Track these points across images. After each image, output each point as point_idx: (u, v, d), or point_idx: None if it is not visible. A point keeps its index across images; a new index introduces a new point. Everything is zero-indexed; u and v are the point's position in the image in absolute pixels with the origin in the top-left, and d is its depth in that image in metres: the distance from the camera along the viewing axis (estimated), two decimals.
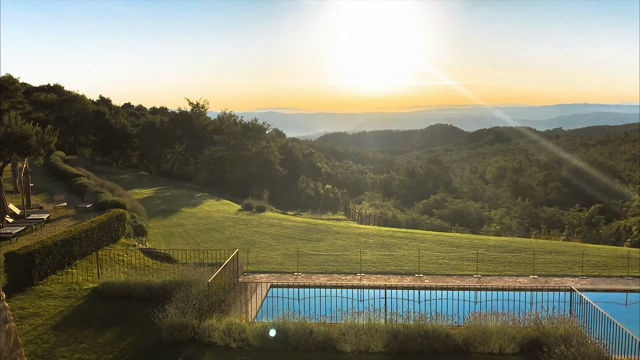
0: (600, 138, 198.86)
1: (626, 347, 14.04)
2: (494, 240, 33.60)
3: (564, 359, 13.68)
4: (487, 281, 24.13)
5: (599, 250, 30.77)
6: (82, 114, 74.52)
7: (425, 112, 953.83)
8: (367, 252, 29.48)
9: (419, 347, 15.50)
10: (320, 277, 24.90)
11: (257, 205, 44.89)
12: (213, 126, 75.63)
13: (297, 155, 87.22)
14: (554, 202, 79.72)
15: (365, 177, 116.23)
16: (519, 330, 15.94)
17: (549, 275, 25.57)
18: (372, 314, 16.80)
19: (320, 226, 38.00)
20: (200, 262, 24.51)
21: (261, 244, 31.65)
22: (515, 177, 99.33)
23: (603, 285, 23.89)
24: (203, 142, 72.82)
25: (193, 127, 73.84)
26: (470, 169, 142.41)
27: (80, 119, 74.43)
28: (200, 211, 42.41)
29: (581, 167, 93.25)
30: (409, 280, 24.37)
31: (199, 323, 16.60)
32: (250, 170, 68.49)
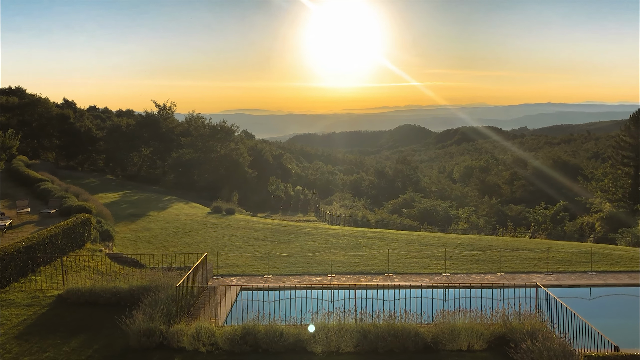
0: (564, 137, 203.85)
1: (590, 340, 14.40)
2: (461, 239, 34.06)
3: (530, 354, 13.95)
4: (456, 279, 24.43)
5: (564, 246, 31.47)
6: (45, 117, 72.86)
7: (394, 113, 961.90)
8: (337, 253, 29.54)
9: (389, 346, 15.60)
10: (290, 278, 24.84)
11: (226, 207, 44.56)
12: (181, 128, 74.80)
13: (267, 157, 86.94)
14: (520, 200, 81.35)
15: (336, 178, 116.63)
16: (487, 327, 16.19)
17: (516, 272, 26.03)
18: (342, 315, 16.85)
19: (290, 228, 37.93)
20: (168, 266, 24.19)
21: (231, 247, 31.42)
22: (482, 176, 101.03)
23: (567, 280, 24.43)
24: (170, 145, 71.94)
25: (160, 129, 72.89)
26: (438, 168, 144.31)
27: (43, 122, 72.76)
28: (168, 215, 41.88)
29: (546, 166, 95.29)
30: (379, 280, 24.51)
31: (168, 328, 16.38)
32: (219, 172, 67.94)
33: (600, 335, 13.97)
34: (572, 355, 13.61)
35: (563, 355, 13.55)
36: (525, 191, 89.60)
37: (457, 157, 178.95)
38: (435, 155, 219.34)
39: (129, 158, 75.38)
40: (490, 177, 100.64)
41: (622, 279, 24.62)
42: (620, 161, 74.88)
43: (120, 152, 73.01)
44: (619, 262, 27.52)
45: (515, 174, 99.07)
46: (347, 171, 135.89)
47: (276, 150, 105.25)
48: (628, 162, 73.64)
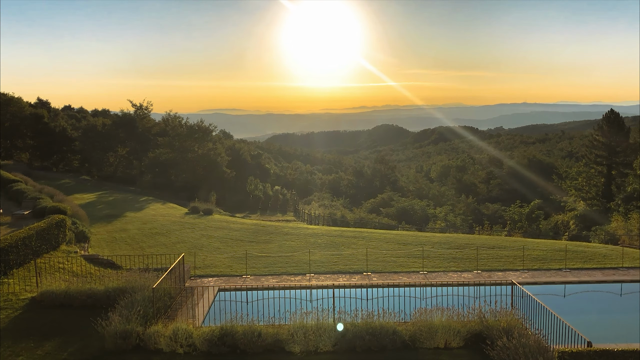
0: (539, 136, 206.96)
1: (564, 336, 14.64)
2: (439, 237, 34.35)
3: (506, 350, 14.13)
4: (433, 277, 24.62)
5: (539, 244, 31.95)
6: (18, 117, 71.51)
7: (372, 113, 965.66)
8: (316, 253, 29.56)
9: (367, 344, 15.66)
10: (269, 279, 24.79)
11: (204, 208, 44.26)
12: (157, 128, 74.07)
13: (245, 157, 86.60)
14: (496, 199, 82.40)
15: (314, 177, 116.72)
16: (464, 324, 16.35)
17: (492, 270, 26.34)
18: (320, 314, 16.86)
19: (269, 228, 37.84)
20: (145, 267, 23.92)
21: (209, 248, 31.22)
22: (459, 175, 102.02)
23: (542, 278, 24.80)
24: (147, 145, 71.20)
25: (137, 129, 72.07)
26: (416, 168, 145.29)
27: (16, 122, 71.39)
28: (145, 215, 41.45)
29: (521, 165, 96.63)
30: (357, 279, 24.59)
31: (145, 330, 16.21)
32: (197, 172, 67.49)
33: (573, 331, 14.21)
34: (546, 351, 13.82)
35: (538, 352, 13.75)
36: (501, 190, 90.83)
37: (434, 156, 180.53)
38: (412, 155, 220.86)
39: (105, 158, 74.42)
40: (466, 177, 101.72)
41: (596, 275, 25.09)
42: (594, 160, 76.34)
43: (96, 153, 72.03)
44: (593, 259, 28.04)
45: (491, 173, 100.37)
46: (326, 171, 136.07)
47: (254, 150, 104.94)
48: (601, 161, 75.11)
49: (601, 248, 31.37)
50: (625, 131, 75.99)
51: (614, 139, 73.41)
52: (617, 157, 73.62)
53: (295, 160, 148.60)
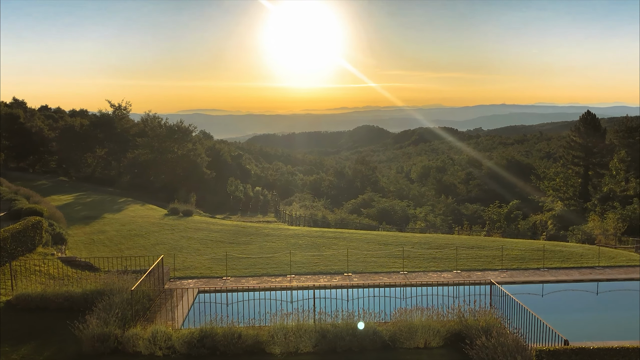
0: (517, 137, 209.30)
1: (541, 335, 14.81)
2: (419, 237, 34.54)
3: (485, 349, 14.25)
4: (413, 277, 24.76)
5: (517, 244, 32.31)
6: None
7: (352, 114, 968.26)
8: (297, 254, 29.51)
9: (347, 345, 15.68)
10: (249, 280, 24.69)
11: (183, 209, 43.91)
12: (136, 129, 73.27)
13: (226, 158, 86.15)
14: (476, 199, 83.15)
15: (295, 178, 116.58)
16: (443, 324, 16.46)
17: (471, 269, 26.57)
18: (301, 315, 16.85)
19: (249, 229, 37.69)
20: (124, 269, 23.65)
21: (188, 249, 30.98)
22: (438, 175, 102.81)
23: (521, 277, 25.09)
24: (126, 146, 70.40)
25: (115, 130, 71.18)
26: (396, 168, 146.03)
27: None
28: (123, 217, 40.98)
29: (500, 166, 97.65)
30: (338, 280, 24.60)
31: (123, 332, 16.03)
32: (176, 173, 66.91)
33: (551, 330, 14.39)
34: (524, 350, 13.97)
35: (516, 350, 13.90)
36: (481, 190, 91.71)
37: (415, 157, 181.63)
38: (393, 156, 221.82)
39: (83, 159, 73.43)
40: (446, 177, 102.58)
41: (573, 275, 25.45)
42: (571, 161, 77.50)
43: (74, 153, 71.00)
44: (570, 258, 28.44)
45: (470, 173, 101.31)
46: (307, 171, 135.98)
47: (235, 150, 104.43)
48: (578, 161, 76.27)
49: (578, 248, 31.83)
50: (602, 132, 77.30)
51: (591, 140, 74.62)
52: (594, 158, 74.86)
53: (276, 161, 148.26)
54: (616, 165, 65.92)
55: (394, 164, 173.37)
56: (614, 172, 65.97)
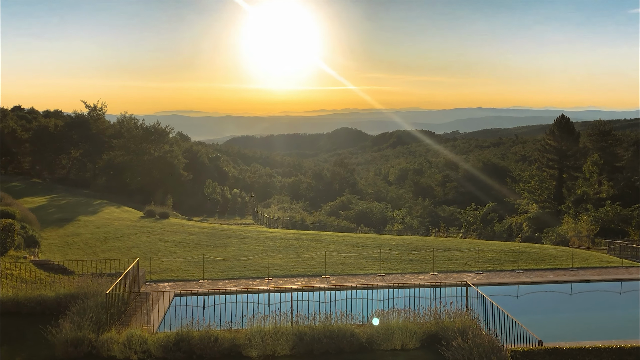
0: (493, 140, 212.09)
1: (516, 336, 14.99)
2: (396, 240, 34.71)
3: (461, 351, 14.37)
4: (390, 279, 24.86)
5: (493, 246, 32.66)
6: None
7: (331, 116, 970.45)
8: (274, 256, 29.42)
9: (324, 347, 15.67)
10: (226, 283, 24.53)
11: (160, 211, 43.48)
12: (112, 130, 72.34)
13: (203, 160, 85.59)
14: (452, 202, 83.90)
15: (274, 180, 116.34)
16: (420, 325, 16.55)
17: (448, 271, 26.78)
18: (278, 318, 16.81)
19: (227, 231, 37.47)
20: (98, 272, 23.32)
21: (165, 252, 30.67)
22: (416, 178, 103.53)
23: (497, 279, 25.36)
24: (102, 147, 69.44)
25: (90, 131, 70.18)
26: (375, 171, 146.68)
27: None
28: (99, 219, 40.42)
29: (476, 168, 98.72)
30: (316, 282, 24.59)
31: (97, 336, 15.79)
32: (153, 175, 66.22)
33: (525, 330, 14.56)
34: (499, 351, 14.12)
35: (492, 351, 14.04)
36: (457, 193, 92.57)
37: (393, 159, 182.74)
38: (371, 158, 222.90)
39: (57, 160, 72.25)
40: (423, 179, 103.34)
41: (547, 276, 25.81)
42: (546, 164, 78.75)
43: (48, 155, 69.81)
44: (544, 260, 28.85)
45: (447, 176, 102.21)
46: (286, 174, 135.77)
47: (213, 152, 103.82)
48: (553, 164, 77.54)
49: (552, 249, 32.32)
50: (575, 136, 78.76)
51: (565, 144, 75.95)
52: (568, 161, 76.20)
53: (254, 163, 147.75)
54: (589, 168, 67.19)
55: (372, 166, 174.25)
56: (587, 175, 67.23)
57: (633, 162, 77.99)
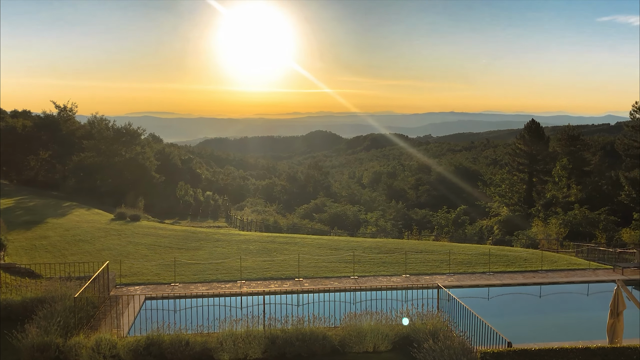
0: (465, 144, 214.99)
1: (486, 337, 15.18)
2: (370, 242, 34.86)
3: (432, 353, 14.48)
4: (363, 282, 24.95)
5: (464, 248, 33.04)
6: None
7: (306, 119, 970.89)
8: (247, 259, 29.26)
9: (297, 350, 15.63)
10: (198, 286, 24.30)
11: (131, 214, 42.87)
12: (82, 131, 71.09)
13: (175, 161, 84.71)
14: (425, 205, 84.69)
15: (248, 183, 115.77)
16: (392, 328, 16.63)
17: (420, 273, 26.97)
18: (250, 321, 16.71)
19: (199, 234, 37.14)
20: (67, 276, 22.87)
21: (135, 255, 30.25)
22: (389, 181, 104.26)
23: (468, 281, 25.65)
24: (71, 148, 68.16)
25: (60, 132, 68.91)
26: (349, 174, 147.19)
27: None
28: (68, 222, 39.67)
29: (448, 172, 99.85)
30: (289, 285, 24.53)
31: (65, 341, 15.47)
32: (124, 177, 65.28)
33: (495, 332, 14.76)
34: (470, 353, 14.27)
35: (462, 353, 14.18)
36: (430, 196, 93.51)
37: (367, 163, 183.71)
38: (346, 161, 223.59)
39: (25, 162, 70.68)
40: (397, 183, 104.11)
41: (517, 278, 26.20)
42: (516, 168, 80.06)
43: (15, 156, 68.24)
44: (514, 262, 29.29)
45: (420, 179, 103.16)
46: (260, 176, 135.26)
47: (185, 154, 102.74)
48: (523, 168, 78.87)
49: (522, 252, 32.85)
50: (545, 140, 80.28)
51: (535, 148, 77.34)
52: (538, 165, 77.59)
53: (228, 165, 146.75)
54: (558, 172, 68.51)
55: (347, 169, 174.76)
56: (556, 179, 68.53)
57: (600, 167, 79.93)
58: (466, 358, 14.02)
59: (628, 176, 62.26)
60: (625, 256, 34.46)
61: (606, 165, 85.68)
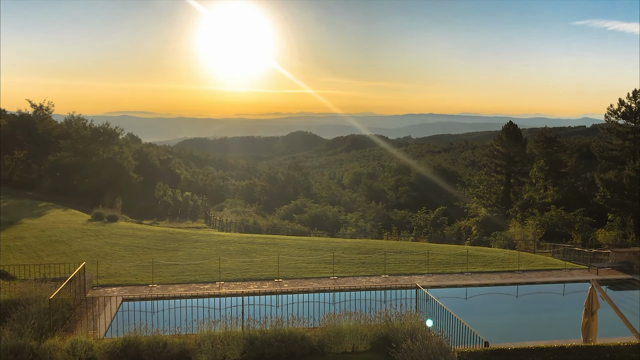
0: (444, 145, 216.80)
1: (464, 337, 15.32)
2: (349, 243, 34.95)
3: (410, 352, 14.55)
4: (343, 282, 25.00)
5: (443, 249, 33.30)
6: None
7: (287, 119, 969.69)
8: (226, 260, 29.12)
9: (275, 351, 15.59)
10: (177, 287, 24.10)
11: (108, 214, 42.38)
12: (59, 130, 70.05)
13: (154, 162, 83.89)
14: (404, 205, 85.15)
15: (227, 183, 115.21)
16: (371, 328, 16.68)
17: (399, 274, 27.12)
18: (229, 322, 16.61)
19: (178, 235, 36.86)
20: (42, 277, 22.49)
21: (113, 256, 29.90)
22: (369, 182, 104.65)
23: (446, 281, 25.85)
24: (48, 148, 67.15)
25: (36, 131, 67.83)
26: (329, 174, 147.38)
27: None
28: (44, 222, 39.07)
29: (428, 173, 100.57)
30: (269, 286, 24.47)
31: (39, 344, 15.22)
32: (102, 177, 64.50)
33: (472, 332, 14.90)
34: (447, 352, 14.38)
35: (440, 353, 14.28)
36: (409, 197, 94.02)
37: (347, 163, 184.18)
38: (326, 162, 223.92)
39: (0, 161, 69.43)
40: (377, 183, 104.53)
41: (494, 278, 26.48)
42: (494, 169, 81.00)
43: None
44: (492, 263, 29.61)
45: (400, 180, 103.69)
46: (240, 177, 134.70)
47: (164, 154, 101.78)
48: (501, 170, 79.81)
49: (500, 252, 33.22)
50: (523, 142, 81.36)
51: (512, 149, 78.33)
52: (515, 167, 78.58)
53: (207, 166, 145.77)
54: (535, 174, 69.43)
55: (327, 170, 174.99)
56: (533, 180, 69.44)
57: (576, 168, 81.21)
58: (444, 358, 14.11)
59: (603, 178, 63.32)
60: (599, 256, 35.05)
61: (582, 166, 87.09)
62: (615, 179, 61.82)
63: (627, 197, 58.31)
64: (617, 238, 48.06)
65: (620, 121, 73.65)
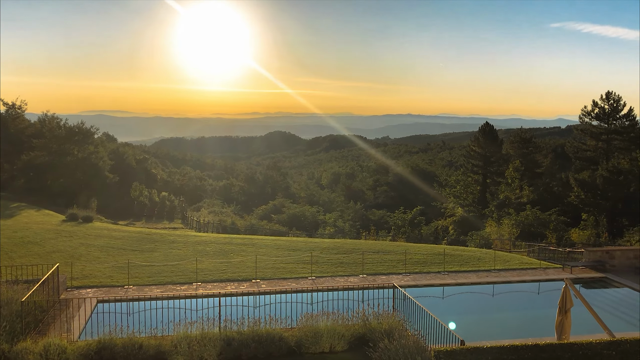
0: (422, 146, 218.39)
1: (440, 336, 15.43)
2: (328, 243, 34.95)
3: (387, 352, 14.61)
4: (321, 282, 24.98)
5: (420, 249, 33.50)
6: None
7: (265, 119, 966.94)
8: (204, 261, 28.88)
9: (253, 352, 15.52)
10: (153, 289, 23.83)
11: (83, 215, 41.73)
12: (33, 129, 68.76)
13: (130, 161, 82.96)
14: (382, 205, 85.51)
15: (205, 183, 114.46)
16: (348, 328, 16.71)
17: (377, 273, 27.20)
18: (206, 323, 16.50)
19: (154, 235, 36.45)
20: (14, 279, 22.05)
21: (88, 257, 29.45)
22: (348, 182, 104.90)
23: (423, 280, 26.00)
24: (20, 147, 65.84)
25: (8, 130, 66.45)
26: (308, 174, 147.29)
27: None
28: (16, 223, 38.31)
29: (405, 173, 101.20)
30: (246, 287, 24.32)
31: (11, 347, 14.93)
32: (76, 177, 63.53)
33: (449, 331, 15.02)
34: (424, 351, 14.46)
35: (417, 352, 14.35)
36: (387, 197, 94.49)
37: (326, 163, 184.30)
38: (305, 162, 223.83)
39: None
40: (355, 184, 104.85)
41: (471, 277, 26.74)
42: (471, 169, 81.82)
43: None
44: (468, 262, 29.88)
45: (378, 180, 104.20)
46: (217, 177, 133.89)
47: (140, 154, 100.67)
48: (477, 170, 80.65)
49: (476, 252, 33.54)
50: (499, 143, 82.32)
51: (489, 150, 79.20)
52: (491, 167, 79.47)
53: (184, 166, 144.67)
54: (511, 174, 70.28)
55: (306, 170, 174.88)
56: (509, 181, 70.29)
57: (551, 169, 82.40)
58: (420, 357, 14.19)
59: (577, 178, 64.42)
60: (574, 255, 35.59)
61: (557, 167, 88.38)
62: (589, 179, 62.93)
63: (601, 197, 59.39)
64: (590, 237, 48.93)
65: (594, 122, 74.95)
